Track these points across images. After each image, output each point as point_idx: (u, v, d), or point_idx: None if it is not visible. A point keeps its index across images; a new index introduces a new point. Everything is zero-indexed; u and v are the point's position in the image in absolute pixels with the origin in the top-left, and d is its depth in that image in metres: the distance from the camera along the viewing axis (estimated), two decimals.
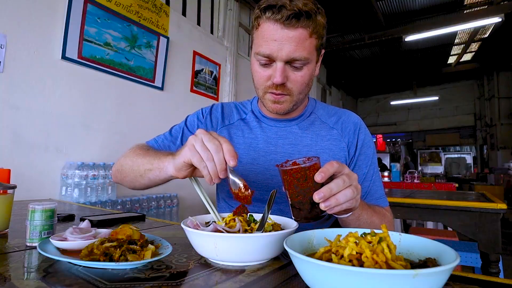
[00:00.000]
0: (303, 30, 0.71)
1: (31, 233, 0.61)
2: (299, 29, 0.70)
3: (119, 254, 0.48)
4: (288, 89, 0.77)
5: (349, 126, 0.87)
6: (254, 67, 0.79)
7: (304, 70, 0.75)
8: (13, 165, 1.71)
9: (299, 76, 0.75)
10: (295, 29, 0.70)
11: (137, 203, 2.32)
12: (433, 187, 3.95)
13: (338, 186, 0.53)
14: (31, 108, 1.93)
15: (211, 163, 0.56)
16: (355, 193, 0.55)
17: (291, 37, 0.70)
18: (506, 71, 8.10)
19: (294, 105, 0.81)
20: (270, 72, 0.76)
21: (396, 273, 0.31)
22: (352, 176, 0.56)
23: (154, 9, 2.77)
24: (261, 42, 0.73)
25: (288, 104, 0.80)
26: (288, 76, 0.75)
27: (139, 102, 2.66)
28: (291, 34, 0.70)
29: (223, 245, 0.49)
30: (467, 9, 4.97)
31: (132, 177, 0.80)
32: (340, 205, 0.54)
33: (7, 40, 1.83)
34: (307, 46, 0.72)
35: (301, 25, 0.70)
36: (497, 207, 1.55)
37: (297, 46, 0.71)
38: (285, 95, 0.78)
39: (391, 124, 10.50)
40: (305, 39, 0.71)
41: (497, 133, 8.10)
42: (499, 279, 0.45)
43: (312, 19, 0.71)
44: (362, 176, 0.85)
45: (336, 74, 7.85)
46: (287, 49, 0.71)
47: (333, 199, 0.52)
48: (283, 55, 0.71)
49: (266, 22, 0.72)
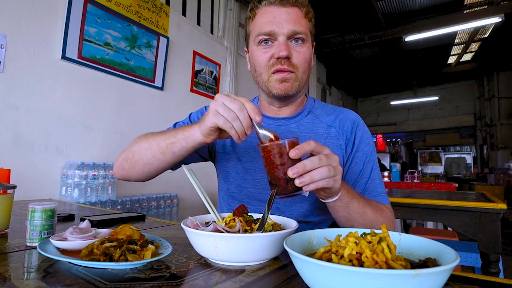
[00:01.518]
0: (298, 10, 0.77)
1: (31, 233, 0.61)
2: (295, 8, 0.77)
3: (119, 254, 0.48)
4: (293, 65, 0.78)
5: (346, 124, 0.87)
6: (255, 53, 0.80)
7: (305, 46, 0.78)
8: (13, 165, 1.71)
9: (302, 52, 0.78)
10: (292, 7, 0.76)
11: (137, 203, 2.32)
12: (433, 187, 3.95)
13: (313, 164, 0.54)
14: (31, 108, 1.93)
15: (236, 122, 0.59)
16: (331, 172, 0.55)
17: (290, 13, 0.76)
18: (506, 71, 8.10)
19: (299, 86, 0.81)
20: (272, 51, 0.77)
21: (396, 273, 0.31)
22: (331, 157, 0.57)
23: (154, 9, 2.77)
24: (261, 24, 0.78)
25: (293, 82, 0.79)
26: (291, 52, 0.77)
27: (139, 102, 2.66)
28: (289, 10, 0.76)
29: (223, 245, 0.49)
30: (467, 9, 4.96)
31: (149, 158, 0.77)
32: (315, 183, 0.54)
33: (7, 40, 1.83)
34: (304, 24, 0.77)
35: (296, 4, 0.76)
36: (497, 207, 1.55)
37: (295, 22, 0.76)
38: (291, 72, 0.78)
39: (391, 124, 10.50)
40: (301, 17, 0.77)
41: (497, 133, 8.09)
42: (499, 279, 0.45)
43: (305, 3, 0.78)
44: (358, 173, 0.84)
45: (336, 74, 7.84)
46: (288, 23, 0.75)
47: (307, 176, 0.54)
48: (284, 29, 0.75)
49: (262, 8, 0.78)
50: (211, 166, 1.01)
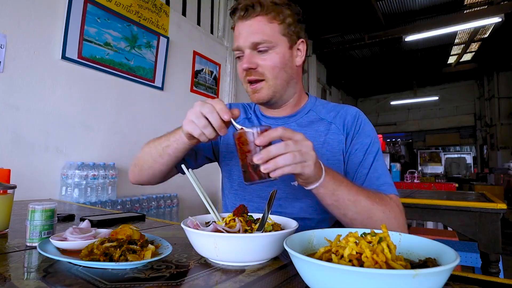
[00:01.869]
0: (261, 17, 0.78)
1: (31, 233, 0.61)
2: (257, 17, 0.78)
3: (119, 254, 0.48)
4: (260, 74, 0.80)
5: (347, 119, 0.87)
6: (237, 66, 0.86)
7: (271, 53, 0.79)
8: (13, 165, 1.71)
9: (267, 59, 0.79)
10: (253, 18, 0.78)
11: (137, 203, 2.32)
12: (433, 187, 3.95)
13: (278, 149, 0.55)
14: (31, 108, 1.93)
15: (207, 129, 0.65)
16: (297, 158, 0.55)
17: (250, 25, 0.79)
18: (506, 71, 8.10)
19: (274, 92, 0.82)
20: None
21: (396, 273, 0.31)
22: (302, 142, 0.57)
23: (154, 9, 2.77)
24: (234, 40, 0.83)
25: (266, 90, 0.81)
26: (257, 62, 0.80)
27: (139, 102, 2.66)
28: (249, 22, 0.79)
29: (223, 245, 0.49)
30: (467, 9, 4.97)
31: (151, 162, 0.84)
32: (281, 169, 0.55)
33: (7, 40, 1.83)
34: (266, 31, 0.78)
35: (257, 13, 0.78)
36: (497, 207, 1.55)
37: (255, 32, 0.78)
38: (260, 80, 0.81)
39: (391, 124, 10.50)
40: (264, 24, 0.78)
41: (497, 133, 8.09)
42: (499, 279, 0.45)
43: (269, 7, 0.78)
44: (357, 164, 0.82)
45: (336, 74, 7.84)
46: (248, 36, 0.78)
47: (272, 162, 0.55)
48: (246, 42, 0.79)
49: (235, 24, 0.83)
50: (211, 166, 1.01)
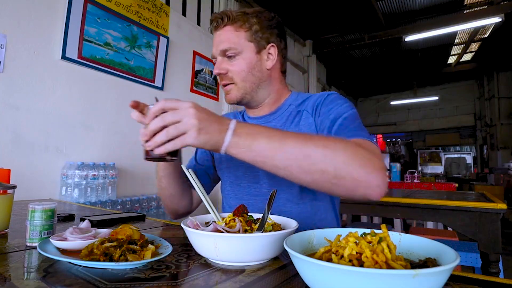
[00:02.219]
0: (229, 27, 0.85)
1: (31, 233, 0.61)
2: (225, 27, 0.86)
3: (119, 254, 0.48)
4: (229, 78, 0.87)
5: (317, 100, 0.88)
6: None
7: (238, 59, 0.86)
8: (13, 165, 1.71)
9: (235, 64, 0.86)
10: (222, 28, 0.86)
11: (137, 203, 2.32)
12: (433, 187, 3.95)
13: (155, 125, 0.55)
14: (31, 108, 1.93)
15: None
16: (171, 132, 0.54)
17: (219, 35, 0.87)
18: (506, 71, 8.09)
19: (243, 93, 0.88)
20: None
21: (396, 273, 0.31)
22: (180, 112, 0.56)
23: (154, 9, 2.77)
24: None
25: (236, 92, 0.88)
26: (227, 67, 0.87)
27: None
28: (219, 32, 0.87)
29: (223, 245, 0.49)
30: (467, 9, 4.96)
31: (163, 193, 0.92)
32: (163, 146, 0.55)
33: (7, 40, 1.83)
34: (233, 38, 0.85)
35: (225, 24, 0.85)
36: (497, 207, 1.55)
37: (223, 40, 0.85)
38: (230, 84, 0.88)
39: (391, 124, 10.49)
40: (231, 32, 0.85)
41: (497, 133, 8.09)
42: (499, 279, 0.45)
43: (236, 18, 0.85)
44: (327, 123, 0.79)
45: (336, 74, 7.84)
46: (217, 44, 0.86)
47: (152, 140, 0.55)
48: (216, 50, 0.87)
49: None
50: None
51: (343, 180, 0.57)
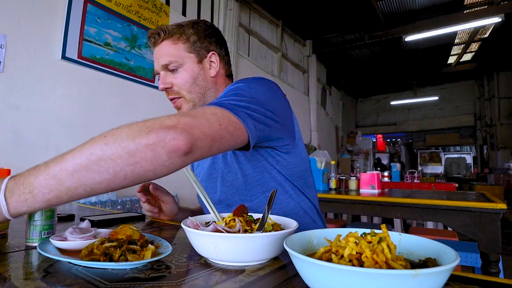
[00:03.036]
0: (166, 41, 0.86)
1: (31, 233, 0.61)
2: (163, 42, 0.86)
3: (119, 254, 0.48)
4: (176, 92, 0.88)
5: None
6: None
7: (180, 72, 0.86)
8: (13, 165, 1.71)
9: (178, 77, 0.87)
10: (159, 44, 0.87)
11: (137, 203, 2.32)
12: (433, 187, 3.95)
13: None
14: (31, 108, 1.93)
15: None
16: None
17: (158, 50, 0.87)
18: (506, 71, 8.09)
19: (193, 104, 0.88)
20: None
21: (396, 273, 0.31)
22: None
23: (154, 9, 2.77)
24: None
25: (186, 105, 0.88)
26: (171, 81, 0.87)
27: (139, 102, 2.66)
28: (158, 48, 0.87)
29: (223, 245, 0.49)
30: (467, 9, 4.96)
31: None
32: None
33: (7, 40, 1.83)
34: (173, 52, 0.85)
35: (162, 39, 0.86)
36: (497, 207, 1.55)
37: (162, 55, 0.85)
38: (178, 98, 0.88)
39: (391, 124, 10.49)
40: (169, 46, 0.86)
41: (497, 133, 8.09)
42: (499, 279, 0.45)
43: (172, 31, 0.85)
44: None
45: (336, 74, 7.84)
46: (158, 59, 0.87)
47: None
48: (157, 66, 0.88)
49: None
50: None
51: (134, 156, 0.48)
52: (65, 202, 0.50)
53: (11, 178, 0.49)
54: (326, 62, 7.11)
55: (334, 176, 2.62)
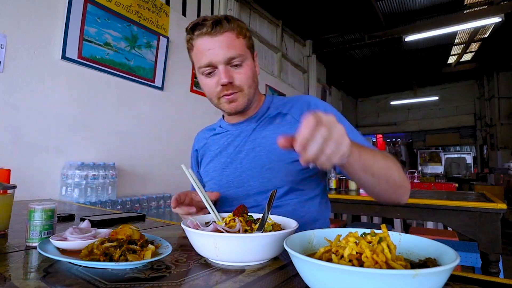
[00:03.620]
0: (229, 33, 0.82)
1: (31, 233, 0.61)
2: (226, 33, 0.81)
3: (119, 254, 0.48)
4: (237, 87, 0.85)
5: (301, 106, 0.91)
6: (201, 82, 0.89)
7: (244, 66, 0.84)
8: (13, 165, 1.70)
9: (242, 72, 0.84)
10: (222, 34, 0.81)
11: (137, 203, 2.32)
12: (433, 187, 3.95)
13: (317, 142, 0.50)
14: (31, 108, 1.93)
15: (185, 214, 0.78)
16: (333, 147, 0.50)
17: (222, 41, 0.81)
18: (506, 71, 8.09)
19: (248, 100, 0.88)
20: (216, 79, 0.84)
21: (396, 273, 0.31)
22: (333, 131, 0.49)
23: (154, 9, 2.77)
24: (199, 56, 0.84)
25: (242, 99, 0.87)
26: (233, 76, 0.84)
27: (139, 102, 2.66)
28: (221, 39, 0.81)
29: (223, 245, 0.49)
30: (467, 9, 4.96)
31: None
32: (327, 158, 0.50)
33: (7, 40, 1.83)
34: (238, 45, 0.83)
35: (225, 30, 0.81)
36: (497, 207, 1.55)
37: (229, 47, 0.81)
38: (236, 92, 0.85)
39: (391, 124, 10.49)
40: (234, 39, 0.82)
41: (497, 133, 8.09)
42: (499, 279, 0.45)
43: (233, 23, 0.83)
44: None
45: (336, 74, 7.84)
46: (222, 52, 0.81)
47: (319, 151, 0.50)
48: (220, 58, 0.81)
49: (197, 39, 0.83)
50: None
51: (401, 188, 0.72)
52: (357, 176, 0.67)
53: None
54: (326, 62, 7.11)
55: (334, 176, 2.62)
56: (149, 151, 2.72)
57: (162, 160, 2.82)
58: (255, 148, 0.90)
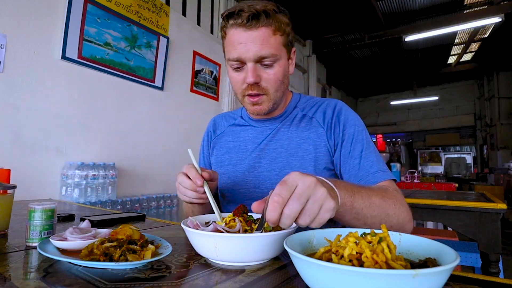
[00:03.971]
0: (266, 29, 0.74)
1: (31, 233, 0.61)
2: (262, 29, 0.74)
3: (119, 254, 0.48)
4: (263, 88, 0.80)
5: (327, 111, 0.88)
6: (229, 74, 0.83)
7: (275, 67, 0.78)
8: (13, 165, 1.70)
9: (272, 74, 0.78)
10: (257, 29, 0.74)
11: (137, 203, 2.32)
12: (433, 187, 3.95)
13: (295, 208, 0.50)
14: (31, 108, 1.93)
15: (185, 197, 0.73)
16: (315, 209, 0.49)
17: (255, 37, 0.74)
18: (506, 71, 8.09)
19: (273, 104, 0.83)
20: (243, 75, 0.79)
21: (396, 273, 0.31)
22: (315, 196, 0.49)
23: (154, 9, 2.77)
24: (230, 48, 0.78)
25: (267, 104, 0.82)
26: (261, 75, 0.78)
27: (139, 102, 2.66)
28: (254, 34, 0.74)
29: (223, 245, 0.49)
30: (467, 9, 4.97)
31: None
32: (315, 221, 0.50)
33: (7, 40, 1.83)
34: (272, 43, 0.75)
35: (262, 24, 0.74)
36: (497, 207, 1.55)
37: (262, 45, 0.74)
38: (261, 95, 0.81)
39: (391, 124, 10.49)
40: (269, 36, 0.75)
41: (497, 133, 8.09)
42: (499, 279, 0.45)
43: (272, 18, 0.74)
44: (347, 155, 0.82)
45: (336, 74, 7.84)
46: (253, 49, 0.74)
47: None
48: (250, 55, 0.75)
49: (230, 29, 0.76)
50: None
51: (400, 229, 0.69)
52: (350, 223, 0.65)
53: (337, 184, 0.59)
54: (326, 62, 7.11)
55: None
56: (149, 151, 2.72)
57: (162, 160, 2.82)
58: (277, 149, 0.87)
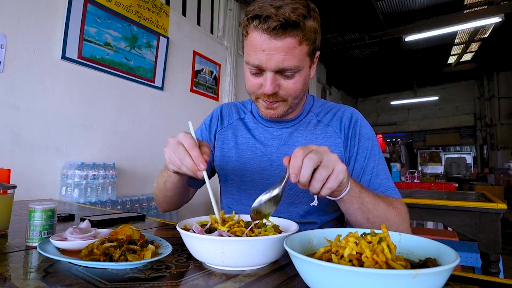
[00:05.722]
0: (291, 39, 0.68)
1: (31, 233, 0.61)
2: (287, 39, 0.68)
3: (119, 254, 0.48)
4: (281, 97, 0.76)
5: (344, 121, 0.86)
6: (246, 73, 0.79)
7: (296, 77, 0.74)
8: (13, 165, 1.71)
9: (291, 83, 0.74)
10: (283, 39, 0.68)
11: (137, 203, 2.32)
12: (433, 187, 3.95)
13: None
14: (31, 108, 1.93)
15: (183, 167, 0.63)
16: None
17: (279, 47, 0.68)
18: (506, 71, 8.10)
19: (289, 109, 0.81)
20: (261, 81, 0.75)
21: (396, 273, 0.31)
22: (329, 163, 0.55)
23: (154, 9, 2.77)
24: (250, 51, 0.73)
25: (282, 108, 0.79)
26: (280, 85, 0.74)
27: (139, 102, 2.66)
28: (279, 44, 0.68)
29: (231, 250, 0.47)
30: (467, 9, 4.97)
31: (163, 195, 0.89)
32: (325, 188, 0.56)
33: (7, 40, 1.83)
34: (297, 54, 0.70)
35: (288, 34, 0.68)
36: (497, 207, 1.55)
37: (285, 56, 0.69)
38: (278, 101, 0.78)
39: (391, 124, 10.50)
40: (294, 47, 0.69)
41: (497, 133, 8.09)
42: (499, 279, 0.45)
43: (300, 27, 0.68)
44: (359, 170, 0.82)
45: (336, 74, 7.84)
46: (276, 59, 0.69)
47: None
48: (272, 65, 0.70)
49: (253, 31, 0.70)
50: None
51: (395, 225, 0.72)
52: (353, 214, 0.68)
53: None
54: (326, 62, 7.11)
55: None
56: (149, 151, 2.72)
57: (162, 160, 2.81)
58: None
